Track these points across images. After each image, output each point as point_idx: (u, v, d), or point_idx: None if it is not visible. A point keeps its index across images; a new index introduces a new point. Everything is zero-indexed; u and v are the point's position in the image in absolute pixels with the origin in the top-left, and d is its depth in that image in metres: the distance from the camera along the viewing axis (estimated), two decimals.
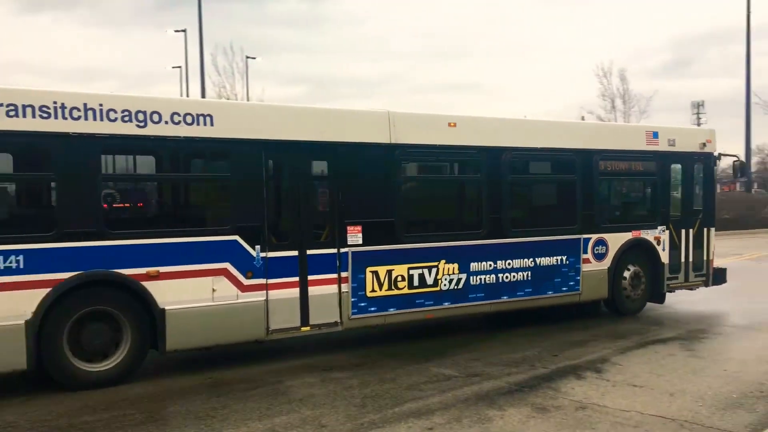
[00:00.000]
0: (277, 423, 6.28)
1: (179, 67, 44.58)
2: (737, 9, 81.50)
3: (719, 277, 12.55)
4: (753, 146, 57.53)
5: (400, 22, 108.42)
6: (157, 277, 7.55)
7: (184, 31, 41.33)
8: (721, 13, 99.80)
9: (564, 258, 10.59)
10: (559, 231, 10.68)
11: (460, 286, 9.68)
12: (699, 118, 67.54)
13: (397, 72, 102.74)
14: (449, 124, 9.72)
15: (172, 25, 46.63)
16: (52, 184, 7.43)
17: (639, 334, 10.08)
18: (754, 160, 62.32)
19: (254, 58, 43.10)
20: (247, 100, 38.64)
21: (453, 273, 9.59)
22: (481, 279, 9.87)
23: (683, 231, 11.97)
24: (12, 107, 6.93)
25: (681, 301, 12.58)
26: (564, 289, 10.64)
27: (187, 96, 35.91)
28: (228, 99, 33.86)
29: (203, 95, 32.68)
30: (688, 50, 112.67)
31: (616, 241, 11.14)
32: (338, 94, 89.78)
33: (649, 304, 11.87)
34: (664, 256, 11.68)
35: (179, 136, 7.79)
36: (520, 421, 6.28)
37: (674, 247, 11.85)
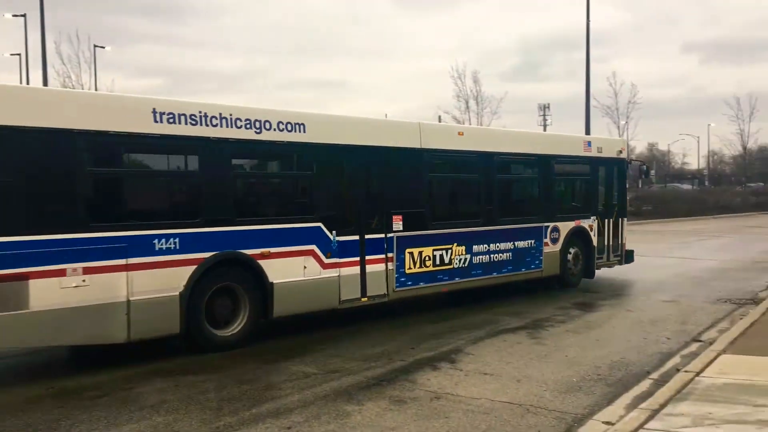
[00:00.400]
0: (126, 431, 5.98)
1: (18, 54, 41.30)
2: (579, 18, 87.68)
3: (629, 257, 15.47)
4: None
5: (263, 17, 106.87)
6: (269, 256, 9.11)
7: (23, 15, 38.24)
8: (565, 21, 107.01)
9: (533, 241, 12.99)
10: (529, 220, 13.04)
11: (466, 264, 11.73)
12: (545, 120, 71.98)
13: (261, 67, 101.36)
14: (459, 133, 12.22)
15: (10, 9, 43.01)
16: (198, 179, 8.76)
17: (491, 324, 10.56)
18: None
19: (104, 47, 40.80)
20: (95, 91, 36.53)
21: (462, 254, 11.63)
22: (479, 259, 11.96)
23: (606, 220, 14.77)
24: (171, 115, 8.37)
25: (534, 287, 13.35)
26: (532, 267, 13.01)
27: (28, 84, 33.35)
28: (73, 89, 31.78)
29: (45, 84, 30.38)
30: (536, 55, 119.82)
31: (565, 228, 13.66)
32: (199, 89, 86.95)
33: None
34: (595, 241, 14.40)
35: (283, 141, 9.49)
36: (377, 414, 6.38)
37: (600, 233, 14.57)
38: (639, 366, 8.11)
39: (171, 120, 8.40)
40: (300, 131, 9.63)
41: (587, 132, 33.87)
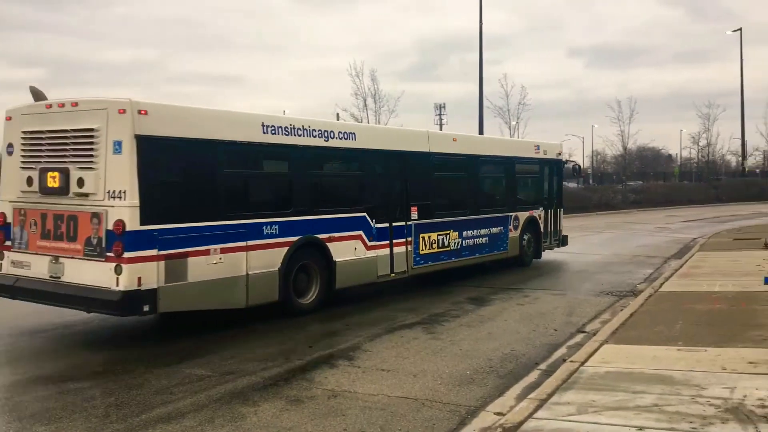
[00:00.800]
0: None
1: None
2: (474, 21, 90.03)
3: (564, 241, 18.65)
4: None
5: (153, 8, 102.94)
6: (333, 240, 11.30)
7: None
8: (461, 24, 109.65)
9: (502, 228, 15.70)
10: (500, 210, 15.79)
11: (458, 246, 14.28)
12: (441, 119, 73.42)
13: (151, 60, 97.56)
14: (453, 139, 14.94)
15: None
16: (290, 177, 11.05)
17: (387, 320, 10.66)
18: None
19: None
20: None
21: (456, 238, 14.19)
22: (467, 242, 14.52)
23: (548, 211, 17.70)
24: (273, 127, 10.53)
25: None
26: (501, 249, 15.76)
27: None
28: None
29: None
30: (433, 56, 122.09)
31: (522, 217, 16.47)
32: (82, 81, 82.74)
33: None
34: (542, 227, 17.27)
35: (341, 147, 11.78)
36: (273, 415, 6.30)
37: (545, 221, 17.49)
38: (528, 357, 8.42)
39: (273, 131, 10.56)
40: (352, 139, 12.01)
41: (480, 131, 34.86)
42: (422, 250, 13.26)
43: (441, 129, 64.41)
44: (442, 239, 13.79)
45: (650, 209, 47.18)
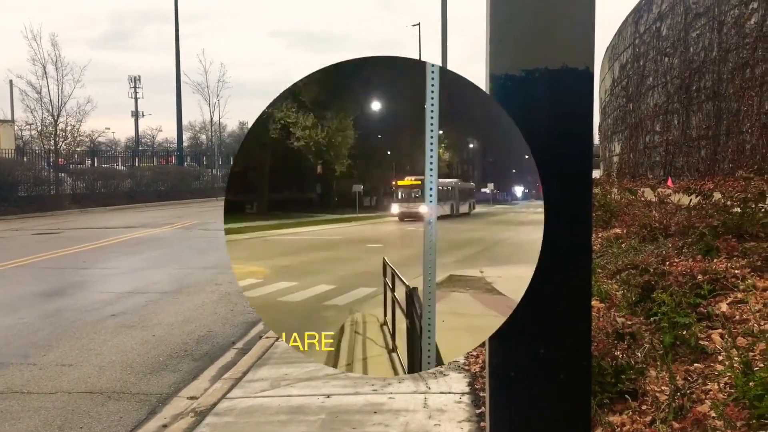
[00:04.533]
0: None
1: None
2: None
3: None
4: (185, 122, 62.24)
5: None
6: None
7: None
8: None
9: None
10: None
11: None
12: (136, 92, 69.57)
13: None
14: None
15: None
16: None
17: (73, 310, 9.78)
18: (186, 135, 67.48)
19: None
20: None
21: None
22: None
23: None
24: None
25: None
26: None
27: None
28: None
29: None
30: (127, 24, 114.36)
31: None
32: None
33: None
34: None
35: None
36: None
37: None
38: (225, 337, 8.38)
39: None
40: None
41: (178, 107, 33.86)
42: None
43: (136, 104, 62.06)
44: None
45: None
